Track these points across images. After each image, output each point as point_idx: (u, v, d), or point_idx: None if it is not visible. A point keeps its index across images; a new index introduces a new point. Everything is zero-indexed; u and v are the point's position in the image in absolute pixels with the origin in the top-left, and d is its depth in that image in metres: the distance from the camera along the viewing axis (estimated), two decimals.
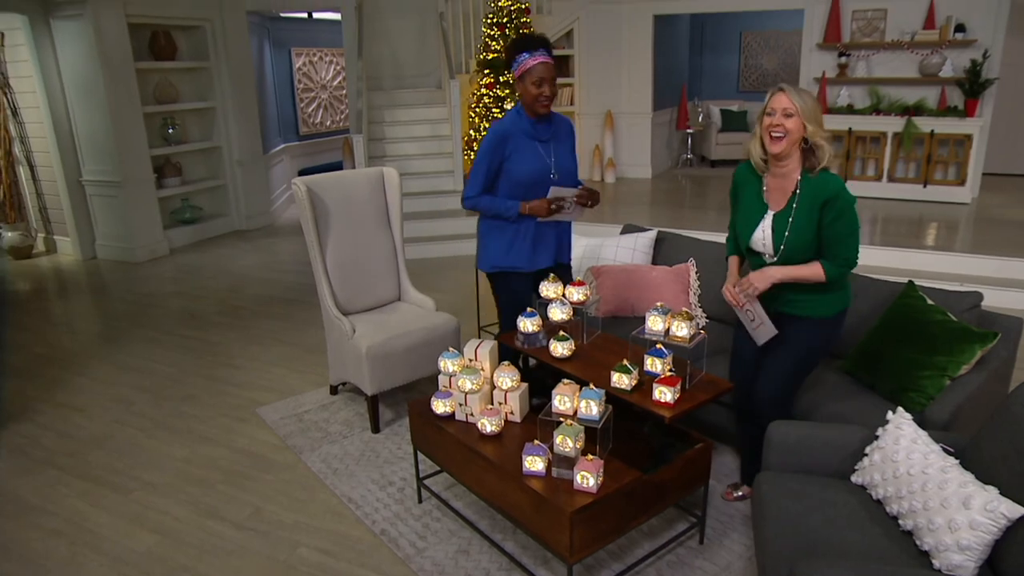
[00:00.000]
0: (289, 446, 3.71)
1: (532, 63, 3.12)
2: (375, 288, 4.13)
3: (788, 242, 2.67)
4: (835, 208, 2.60)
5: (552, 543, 2.40)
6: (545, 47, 3.16)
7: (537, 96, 3.15)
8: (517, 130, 3.26)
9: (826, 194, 2.60)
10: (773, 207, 2.74)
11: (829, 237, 2.63)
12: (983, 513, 1.99)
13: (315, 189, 3.91)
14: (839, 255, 2.64)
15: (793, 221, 2.65)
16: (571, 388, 2.58)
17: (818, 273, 2.65)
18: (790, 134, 2.59)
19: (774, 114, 2.61)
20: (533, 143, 3.27)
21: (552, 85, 3.14)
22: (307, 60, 10.30)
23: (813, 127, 2.60)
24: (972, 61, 7.48)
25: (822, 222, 2.62)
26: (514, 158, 3.25)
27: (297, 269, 6.82)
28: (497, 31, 8.09)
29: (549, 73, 3.12)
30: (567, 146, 3.38)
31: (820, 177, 2.65)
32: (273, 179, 9.27)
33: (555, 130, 3.34)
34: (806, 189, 2.65)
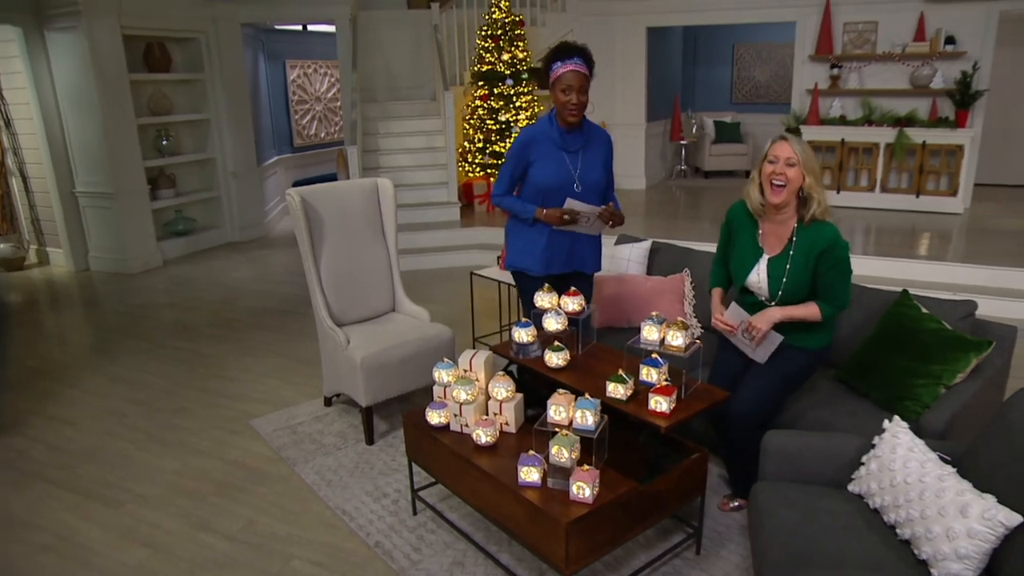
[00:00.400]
0: (283, 458, 3.68)
1: (563, 71, 3.12)
2: (369, 299, 4.11)
3: (786, 287, 2.81)
4: (832, 256, 2.74)
5: (548, 554, 2.38)
6: (582, 56, 3.13)
7: (565, 103, 3.14)
8: (544, 137, 3.27)
9: (823, 244, 2.73)
10: (768, 251, 2.87)
11: (825, 283, 2.78)
12: (981, 521, 1.98)
13: (309, 200, 3.91)
14: (836, 297, 2.80)
15: (790, 268, 2.79)
16: (566, 398, 2.57)
17: (815, 313, 2.80)
18: (791, 183, 2.71)
19: (777, 162, 2.72)
20: (560, 152, 3.26)
21: (580, 94, 3.12)
22: (302, 72, 10.32)
23: (811, 179, 2.72)
24: (962, 72, 7.55)
25: (818, 269, 2.76)
26: (537, 164, 3.27)
27: (291, 281, 6.80)
28: (491, 43, 8.14)
29: (578, 82, 3.10)
30: (598, 159, 3.34)
31: (816, 226, 2.77)
32: (267, 191, 9.26)
33: (587, 141, 3.30)
34: (803, 237, 2.77)
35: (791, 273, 2.78)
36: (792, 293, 2.83)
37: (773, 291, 2.86)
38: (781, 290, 2.82)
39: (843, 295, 2.81)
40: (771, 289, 2.86)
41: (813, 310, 2.79)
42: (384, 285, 4.18)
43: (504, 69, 8.10)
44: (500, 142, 8.19)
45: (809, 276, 2.78)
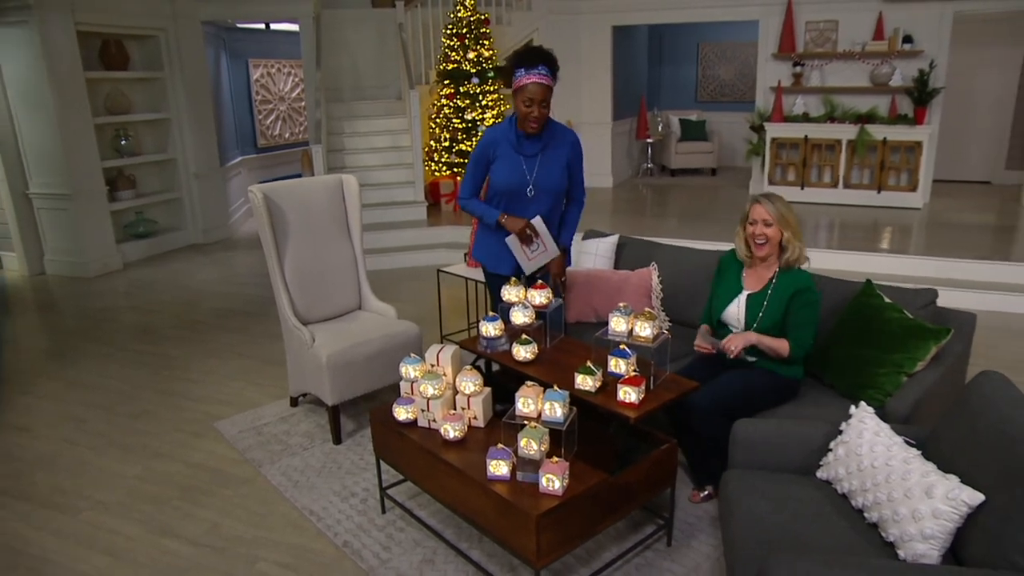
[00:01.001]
0: (248, 460, 3.60)
1: (525, 81, 3.07)
2: (335, 297, 4.05)
3: (762, 321, 3.03)
4: (803, 299, 2.98)
5: (518, 548, 2.35)
6: (546, 64, 3.08)
7: (526, 115, 3.13)
8: (504, 139, 3.28)
9: (797, 286, 3.00)
10: (748, 288, 3.11)
11: (793, 322, 2.99)
12: (945, 501, 2.00)
13: (272, 197, 3.84)
14: (801, 338, 2.98)
15: (767, 305, 3.03)
16: (535, 390, 2.55)
17: (784, 348, 2.98)
18: (770, 240, 3.00)
19: (756, 224, 3.01)
20: (516, 155, 3.27)
21: (542, 106, 3.09)
22: (265, 71, 10.18)
23: (788, 233, 2.99)
24: (920, 71, 7.71)
25: (789, 308, 2.99)
26: (496, 165, 3.29)
27: (256, 282, 6.68)
28: (457, 42, 8.10)
29: (540, 94, 3.06)
30: (558, 162, 3.32)
31: (794, 272, 3.04)
32: (231, 192, 9.11)
33: (546, 144, 3.28)
34: (782, 280, 3.04)
35: (767, 309, 3.02)
36: (766, 328, 3.02)
37: (749, 322, 3.06)
38: (757, 323, 3.03)
39: (807, 335, 2.98)
40: (747, 320, 3.07)
41: (784, 344, 2.98)
42: (350, 282, 4.12)
43: (470, 68, 8.06)
44: (466, 141, 8.15)
45: (782, 314, 3.00)
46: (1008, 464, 1.94)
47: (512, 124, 3.28)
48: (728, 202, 8.74)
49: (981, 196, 8.70)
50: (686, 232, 6.85)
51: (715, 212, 8.25)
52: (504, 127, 3.32)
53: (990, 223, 7.33)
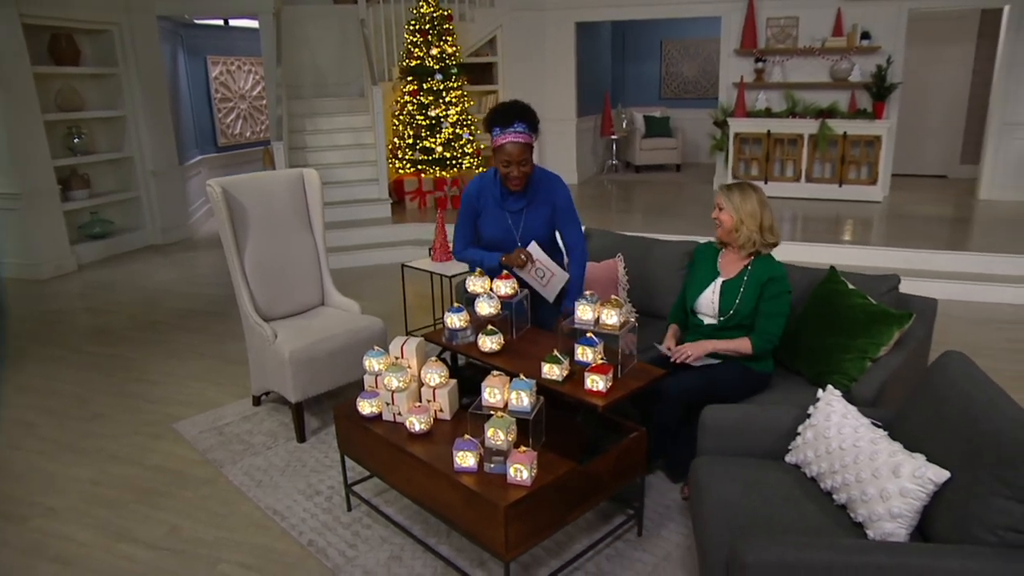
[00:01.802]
0: (209, 460, 3.50)
1: (502, 141, 3.01)
2: (297, 293, 3.96)
3: (738, 308, 3.01)
4: (773, 288, 2.98)
5: (487, 541, 2.30)
6: (522, 120, 3.01)
7: (506, 175, 3.09)
8: (488, 193, 3.24)
9: (769, 274, 3.00)
10: (724, 275, 3.11)
11: (761, 311, 3.00)
12: (912, 480, 2.00)
13: (231, 191, 3.74)
14: (765, 330, 2.98)
15: (743, 291, 3.02)
16: (501, 380, 2.51)
17: (746, 347, 2.98)
18: (723, 225, 3.05)
19: (715, 208, 3.10)
20: (502, 211, 3.24)
21: (521, 165, 3.04)
22: (224, 69, 9.98)
23: (738, 219, 3.00)
24: (878, 66, 7.84)
25: (761, 296, 2.99)
26: (483, 218, 3.26)
27: (218, 282, 6.53)
28: (420, 38, 8.02)
29: (518, 154, 3.01)
30: (544, 215, 3.24)
31: (769, 261, 3.05)
32: (190, 191, 8.90)
33: (531, 200, 3.23)
34: (756, 267, 3.05)
35: (743, 296, 3.01)
36: (740, 314, 3.01)
37: (723, 309, 3.04)
38: (733, 310, 3.01)
39: (774, 328, 2.98)
40: (721, 307, 3.05)
41: (745, 344, 2.98)
42: (312, 278, 4.03)
43: (433, 64, 7.99)
44: (431, 138, 8.08)
45: (755, 303, 3.00)
46: (971, 442, 1.95)
47: (496, 178, 3.21)
48: (693, 198, 8.80)
49: (938, 189, 8.88)
50: (651, 227, 6.86)
51: (680, 207, 8.29)
52: (488, 179, 3.25)
53: (947, 215, 7.49)
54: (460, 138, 8.21)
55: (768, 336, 2.98)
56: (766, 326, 2.98)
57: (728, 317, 3.04)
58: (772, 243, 3.05)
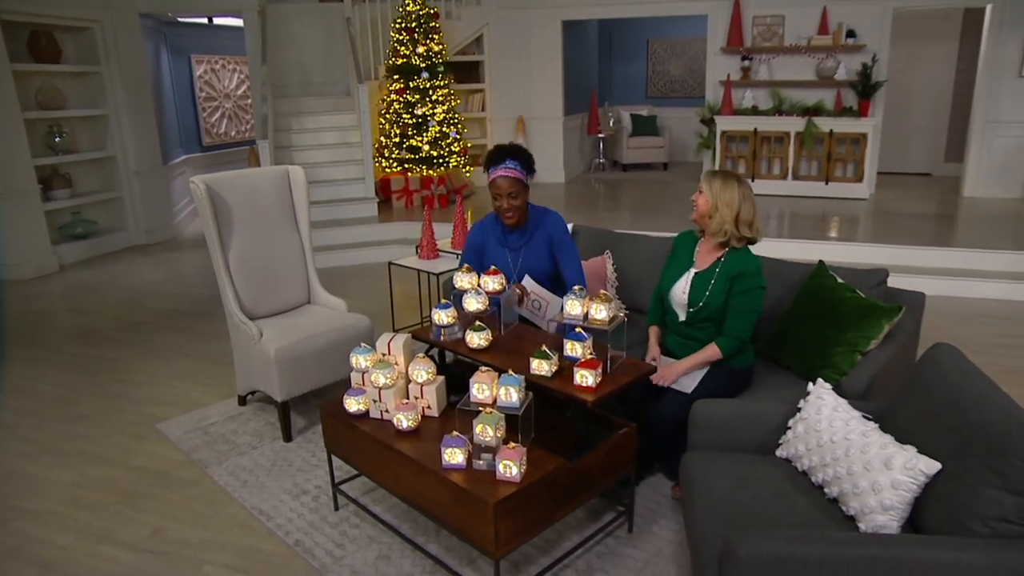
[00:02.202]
0: (194, 460, 3.45)
1: (492, 177, 3.17)
2: (282, 291, 3.91)
3: (707, 301, 2.94)
4: (744, 283, 2.89)
5: (476, 538, 2.27)
6: (514, 158, 3.15)
7: (498, 209, 3.23)
8: (490, 233, 3.40)
9: (741, 268, 2.90)
10: (697, 266, 3.03)
11: (730, 307, 2.91)
12: (903, 472, 1.99)
13: (215, 188, 3.69)
14: (733, 328, 2.90)
15: (714, 284, 2.94)
16: (489, 376, 2.48)
17: (715, 353, 2.91)
18: (699, 209, 2.96)
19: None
20: (502, 249, 3.38)
21: (511, 198, 3.16)
22: (208, 68, 9.89)
23: (713, 206, 2.91)
24: (863, 64, 7.88)
25: (731, 291, 2.90)
26: (485, 257, 3.39)
27: (204, 282, 6.45)
28: (406, 36, 7.98)
29: (508, 187, 3.14)
30: (542, 251, 3.33)
31: (744, 254, 2.95)
32: (175, 191, 8.81)
33: (531, 237, 3.33)
34: (729, 260, 2.96)
35: (714, 288, 2.93)
36: (709, 306, 2.94)
37: (693, 301, 2.98)
38: (701, 302, 2.95)
39: (742, 325, 2.90)
40: (691, 299, 2.98)
41: (713, 351, 2.91)
42: (298, 276, 3.99)
43: (419, 62, 7.95)
44: (417, 136, 8.04)
45: (725, 297, 2.92)
46: (961, 433, 1.95)
47: (496, 219, 3.37)
48: (680, 195, 8.80)
49: (923, 187, 8.94)
50: (639, 225, 6.85)
51: (667, 205, 8.29)
52: (489, 222, 3.41)
53: (933, 212, 7.53)
54: (447, 136, 8.17)
55: (736, 335, 2.89)
56: (734, 324, 2.89)
57: (696, 310, 2.96)
58: (747, 238, 2.94)
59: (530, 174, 3.24)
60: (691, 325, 3.02)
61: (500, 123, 9.60)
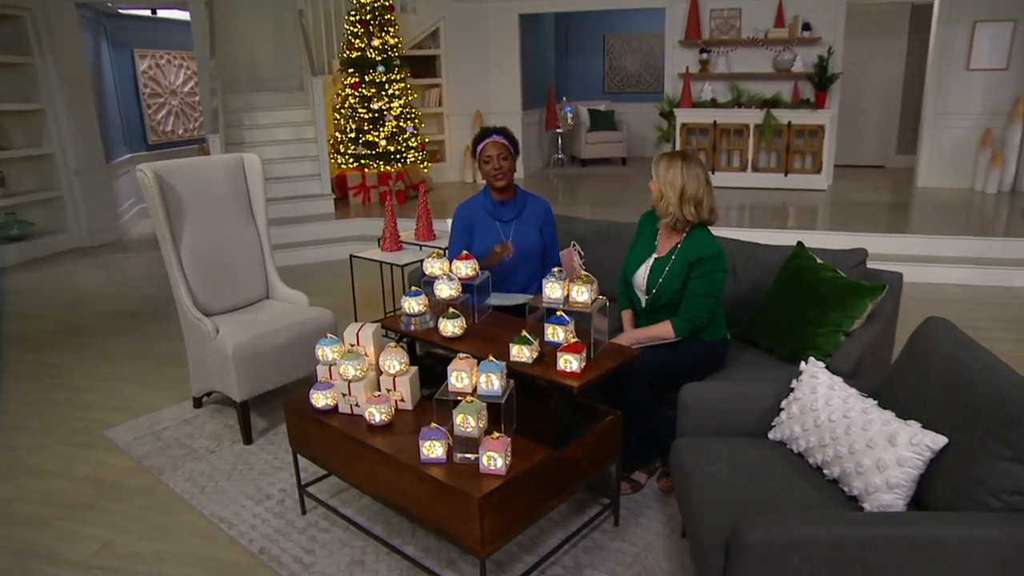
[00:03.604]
0: (146, 468, 3.21)
1: (482, 146, 3.29)
2: (239, 285, 3.69)
3: (661, 287, 2.88)
4: (704, 267, 2.80)
5: (460, 536, 2.12)
6: (500, 133, 3.32)
7: (489, 172, 3.29)
8: (480, 207, 3.42)
9: (700, 252, 2.82)
10: (659, 252, 2.97)
11: (688, 291, 2.83)
12: (909, 448, 1.91)
13: (165, 176, 3.46)
14: (688, 310, 2.82)
15: (669, 269, 2.87)
16: (468, 363, 2.32)
17: (668, 332, 2.84)
18: (654, 193, 2.90)
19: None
20: (493, 221, 3.39)
21: (501, 159, 3.25)
22: (153, 63, 9.49)
23: (660, 190, 2.84)
24: (819, 57, 7.96)
25: (689, 275, 2.83)
26: (475, 232, 3.40)
27: (153, 283, 6.14)
28: (361, 28, 7.77)
29: (496, 150, 3.26)
30: (533, 227, 3.42)
31: (702, 237, 2.86)
32: (119, 191, 8.41)
33: (521, 210, 3.41)
34: (687, 245, 2.87)
35: (668, 274, 2.87)
36: (665, 293, 2.87)
37: (648, 287, 2.93)
38: (655, 288, 2.89)
39: (697, 309, 2.81)
40: (648, 284, 2.93)
41: (666, 329, 2.84)
42: (255, 269, 3.77)
43: (375, 55, 7.75)
44: (373, 131, 7.83)
45: (682, 281, 2.85)
46: (968, 405, 1.87)
47: (487, 193, 3.42)
48: (640, 189, 8.76)
49: (878, 178, 9.08)
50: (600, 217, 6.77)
51: (627, 199, 8.24)
52: (479, 198, 3.45)
53: (890, 202, 7.65)
54: (404, 132, 7.99)
55: (690, 317, 2.80)
56: (690, 307, 2.80)
57: (653, 297, 2.90)
58: (697, 219, 2.81)
59: (515, 150, 3.34)
60: (654, 311, 2.94)
61: (457, 118, 9.44)
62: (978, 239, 6.00)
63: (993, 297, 5.34)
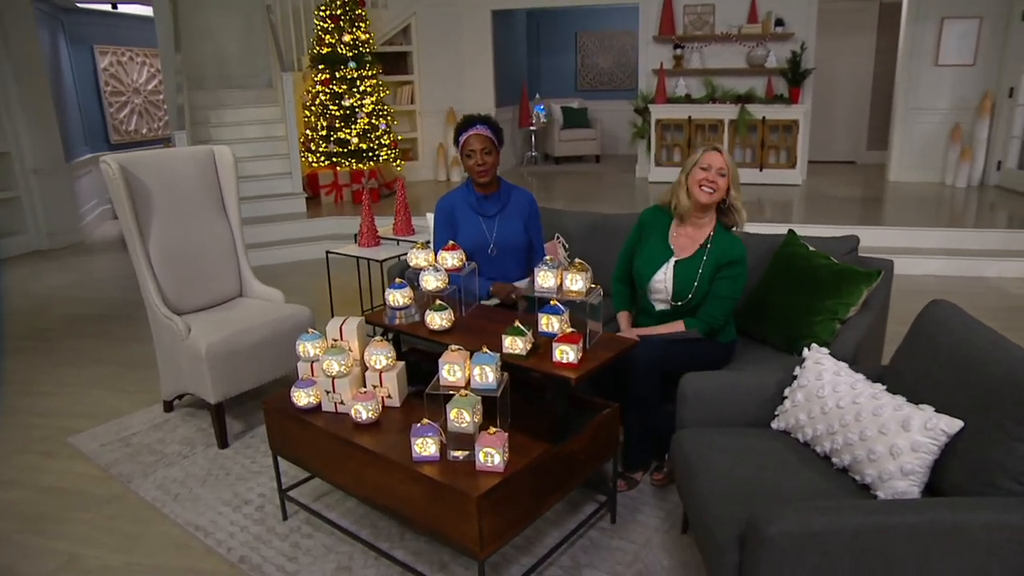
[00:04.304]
0: (113, 476, 3.03)
1: (465, 138, 3.14)
2: (211, 283, 3.54)
3: (697, 291, 2.74)
4: (733, 270, 2.73)
5: (457, 538, 2.00)
6: (483, 123, 3.17)
7: (472, 167, 3.14)
8: (462, 201, 3.26)
9: (732, 256, 2.74)
10: (678, 253, 2.81)
11: (712, 293, 2.74)
12: (923, 432, 1.84)
13: (131, 168, 3.29)
14: (709, 312, 2.74)
15: (702, 272, 2.74)
16: (461, 355, 2.21)
17: (679, 328, 2.76)
18: (719, 191, 2.73)
19: (709, 170, 2.73)
20: (476, 216, 3.24)
21: (484, 154, 3.10)
22: (115, 60, 9.20)
23: (736, 191, 2.78)
24: (792, 52, 7.98)
25: (715, 277, 2.74)
26: (459, 227, 3.25)
27: (119, 285, 5.92)
28: (331, 24, 7.60)
29: (480, 143, 3.10)
30: (517, 222, 3.29)
31: (730, 239, 2.78)
32: (81, 191, 8.12)
33: (505, 205, 3.27)
34: (718, 244, 2.76)
35: (702, 277, 2.74)
36: (697, 298, 2.76)
37: (679, 293, 2.77)
38: (691, 293, 2.75)
39: (719, 311, 2.75)
40: (676, 291, 2.78)
41: (678, 327, 2.77)
42: (228, 266, 3.61)
43: (346, 51, 7.59)
44: (345, 129, 7.67)
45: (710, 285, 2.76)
46: (981, 387, 1.81)
47: (469, 187, 3.27)
48: (615, 186, 8.73)
49: (850, 174, 9.15)
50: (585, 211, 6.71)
51: (602, 196, 8.19)
52: (461, 191, 3.30)
53: (865, 196, 7.71)
54: (377, 129, 7.83)
55: (709, 320, 2.74)
56: (712, 309, 2.74)
57: (685, 302, 2.77)
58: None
59: (499, 141, 3.17)
60: (676, 315, 2.82)
61: (430, 116, 9.30)
62: (953, 231, 6.05)
63: (969, 287, 5.37)
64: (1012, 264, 5.67)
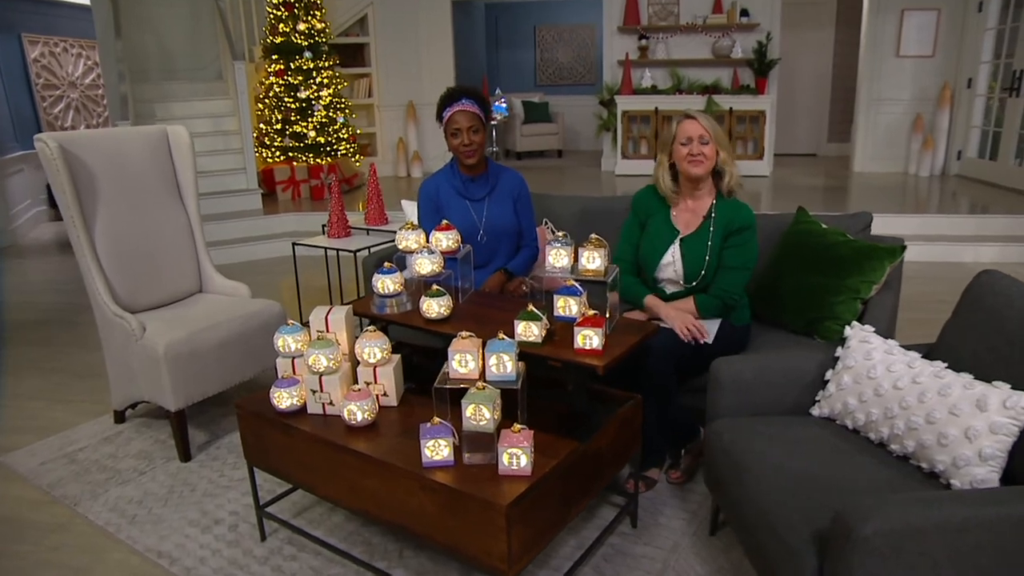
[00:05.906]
0: (57, 498, 2.65)
1: (450, 113, 2.86)
2: (167, 278, 3.18)
3: (710, 265, 2.55)
4: (742, 236, 2.55)
5: (480, 555, 1.72)
6: (469, 96, 2.88)
7: (457, 147, 2.89)
8: (447, 184, 3.03)
9: (740, 222, 2.55)
10: (683, 230, 2.62)
11: (723, 263, 2.55)
12: (1002, 412, 1.64)
13: (72, 149, 2.92)
14: (721, 286, 2.55)
15: (711, 244, 2.55)
16: (473, 343, 1.93)
17: (691, 309, 2.56)
18: (708, 160, 2.53)
19: (690, 143, 2.52)
20: (463, 201, 3.01)
21: (471, 133, 2.85)
22: (47, 51, 8.59)
23: (724, 153, 2.56)
24: (758, 43, 7.91)
25: (724, 245, 2.55)
26: (445, 213, 2.99)
27: (58, 289, 5.44)
28: (285, 12, 7.23)
29: (467, 121, 2.84)
30: (507, 204, 3.04)
31: (735, 203, 2.60)
32: (11, 191, 7.53)
33: (494, 187, 3.02)
34: (721, 213, 2.57)
35: (712, 250, 2.55)
36: (710, 273, 2.56)
37: (691, 272, 2.57)
38: (703, 269, 2.55)
39: (732, 284, 2.54)
40: (687, 270, 2.58)
41: (689, 306, 2.57)
42: (186, 258, 3.26)
43: (301, 40, 7.22)
44: (302, 122, 7.29)
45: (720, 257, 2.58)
46: None
47: (454, 168, 3.02)
48: (581, 179, 8.54)
49: (815, 165, 9.17)
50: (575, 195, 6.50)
51: (566, 190, 7.98)
52: (445, 173, 3.05)
53: (832, 185, 7.70)
54: (334, 122, 7.48)
55: (723, 294, 2.53)
56: (727, 280, 2.53)
57: (699, 280, 2.56)
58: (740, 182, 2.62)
59: (487, 117, 2.90)
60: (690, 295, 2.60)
61: (389, 110, 8.96)
62: (927, 217, 6.03)
63: (947, 272, 5.32)
64: (987, 249, 5.65)
